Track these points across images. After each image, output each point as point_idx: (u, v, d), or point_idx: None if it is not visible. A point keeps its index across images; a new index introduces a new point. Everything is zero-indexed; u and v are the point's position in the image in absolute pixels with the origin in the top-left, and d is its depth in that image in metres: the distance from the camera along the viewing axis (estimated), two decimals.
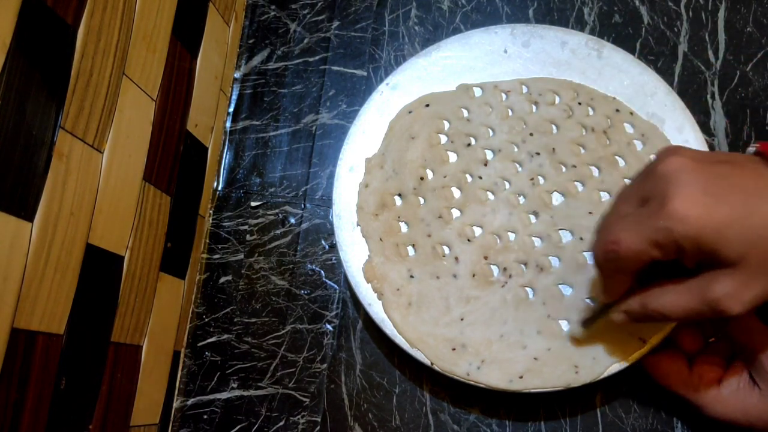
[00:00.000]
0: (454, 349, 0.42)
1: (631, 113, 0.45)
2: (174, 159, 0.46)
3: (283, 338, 0.48)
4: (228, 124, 0.53)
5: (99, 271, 0.38)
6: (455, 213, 0.45)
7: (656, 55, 0.50)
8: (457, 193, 0.45)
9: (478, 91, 0.47)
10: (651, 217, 0.31)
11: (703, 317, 0.33)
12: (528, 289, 0.43)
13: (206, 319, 0.49)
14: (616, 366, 0.40)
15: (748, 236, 0.30)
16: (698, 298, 0.32)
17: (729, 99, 0.48)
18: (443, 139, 0.46)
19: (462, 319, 0.42)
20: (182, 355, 0.49)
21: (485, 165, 0.45)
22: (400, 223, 0.45)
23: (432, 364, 0.42)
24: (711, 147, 0.47)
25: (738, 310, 0.31)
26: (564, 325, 0.42)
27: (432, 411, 0.45)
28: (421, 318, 0.43)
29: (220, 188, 0.52)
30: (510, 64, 0.47)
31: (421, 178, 0.45)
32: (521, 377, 0.41)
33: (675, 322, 0.39)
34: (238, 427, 0.47)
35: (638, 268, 0.33)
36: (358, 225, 0.45)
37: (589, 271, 0.42)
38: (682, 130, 0.45)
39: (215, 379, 0.48)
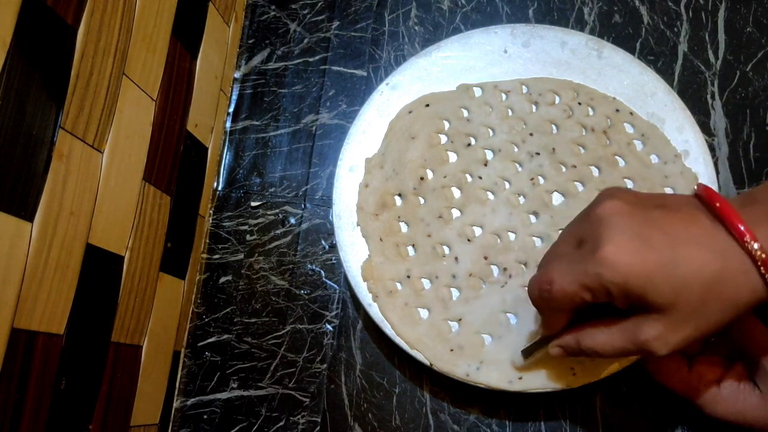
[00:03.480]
0: (452, 350, 0.42)
1: (631, 113, 0.45)
2: (174, 159, 0.46)
3: (283, 338, 0.48)
4: (228, 124, 0.53)
5: (99, 271, 0.38)
6: (455, 213, 0.45)
7: (656, 55, 0.50)
8: (457, 193, 0.45)
9: (478, 91, 0.47)
10: (583, 260, 0.32)
11: (633, 356, 0.34)
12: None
13: (206, 319, 0.49)
14: (616, 366, 0.40)
15: (675, 284, 0.30)
16: (628, 340, 0.33)
17: (729, 99, 0.48)
18: (443, 139, 0.46)
19: (461, 320, 0.42)
20: (182, 355, 0.49)
21: (485, 165, 0.45)
22: (400, 223, 0.45)
23: (431, 364, 0.42)
24: (711, 147, 0.47)
25: (664, 353, 0.32)
26: None
27: (432, 411, 0.45)
28: (418, 319, 0.43)
29: (220, 188, 0.52)
30: (510, 64, 0.47)
31: (421, 178, 0.45)
32: (520, 378, 0.41)
33: (609, 359, 0.40)
34: (238, 427, 0.47)
35: (573, 307, 0.34)
36: (358, 225, 0.45)
37: None
38: (682, 130, 0.45)
39: (215, 379, 0.48)
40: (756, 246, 0.30)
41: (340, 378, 0.47)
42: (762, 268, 0.30)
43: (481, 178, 0.45)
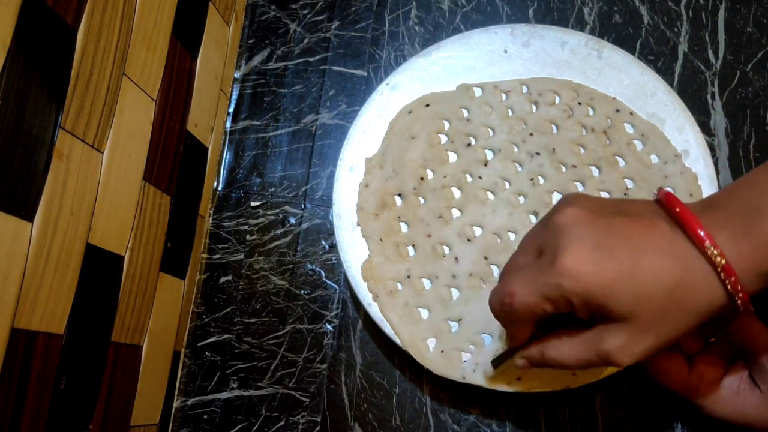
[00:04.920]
0: (442, 351, 0.42)
1: (631, 113, 0.45)
2: (174, 159, 0.46)
3: (283, 338, 0.48)
4: (228, 124, 0.53)
5: (99, 271, 0.38)
6: (455, 213, 0.45)
7: (656, 55, 0.50)
8: (457, 193, 0.45)
9: (478, 91, 0.47)
10: (543, 271, 0.32)
11: (597, 366, 0.33)
12: None
13: (206, 319, 0.49)
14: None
15: (636, 293, 0.30)
16: (591, 351, 0.33)
17: (729, 99, 0.48)
18: (443, 139, 0.46)
19: (461, 320, 0.42)
20: (182, 355, 0.49)
21: (485, 165, 0.45)
22: (400, 223, 0.45)
23: (426, 367, 0.42)
24: (711, 147, 0.47)
25: (627, 362, 0.32)
26: None
27: (432, 411, 0.45)
28: (419, 319, 0.43)
29: (220, 188, 0.52)
30: (510, 64, 0.47)
31: (421, 178, 0.45)
32: (519, 378, 0.41)
33: (572, 369, 0.40)
34: (238, 427, 0.47)
35: (535, 319, 0.34)
36: (358, 225, 0.45)
37: None
38: (682, 130, 0.45)
39: (215, 379, 0.48)
40: (716, 252, 0.29)
41: (340, 378, 0.47)
42: (722, 274, 0.29)
43: (481, 178, 0.45)
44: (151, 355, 0.44)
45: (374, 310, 0.43)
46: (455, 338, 0.42)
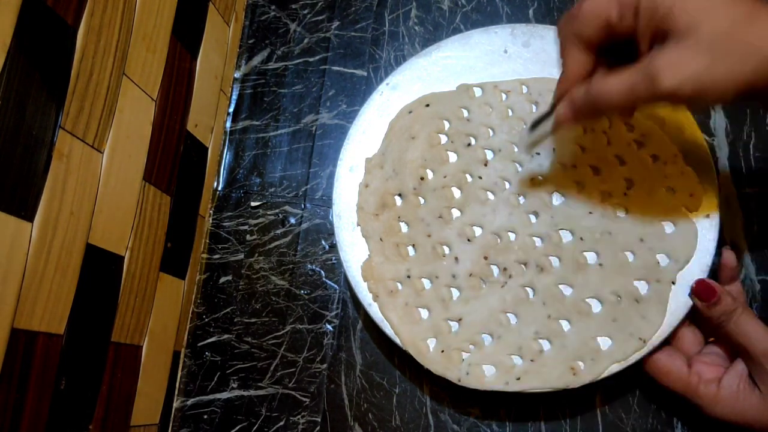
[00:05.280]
0: (443, 351, 0.42)
1: None
2: (174, 159, 0.46)
3: (283, 338, 0.48)
4: (228, 124, 0.53)
5: (99, 271, 0.38)
6: (455, 213, 0.45)
7: None
8: (457, 193, 0.45)
9: (478, 91, 0.47)
10: None
11: (644, 100, 0.32)
12: (528, 289, 0.43)
13: (206, 319, 0.49)
14: (615, 366, 0.40)
15: (704, 5, 0.30)
16: (639, 73, 0.31)
17: None
18: (443, 139, 0.46)
19: (461, 319, 0.42)
20: (182, 355, 0.49)
21: (485, 165, 0.45)
22: (400, 223, 0.45)
23: (425, 367, 0.42)
24: (711, 147, 0.47)
25: (670, 84, 0.30)
26: (565, 325, 0.42)
27: (432, 411, 0.45)
28: (419, 318, 0.43)
29: (220, 188, 0.52)
30: (510, 64, 0.47)
31: (421, 178, 0.45)
32: (518, 379, 0.41)
33: (616, 111, 0.38)
34: (238, 427, 0.47)
35: (596, 38, 0.33)
36: (358, 225, 0.45)
37: (589, 270, 0.42)
38: (682, 130, 0.45)
39: (215, 379, 0.48)
40: None
41: (340, 378, 0.47)
42: None
43: (481, 178, 0.45)
44: (151, 355, 0.44)
45: (374, 310, 0.43)
46: (455, 338, 0.42)
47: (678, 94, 0.30)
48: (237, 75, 0.54)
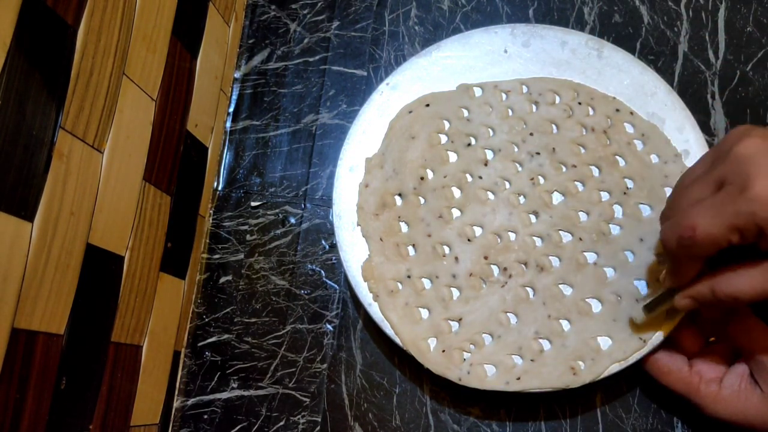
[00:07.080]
0: (444, 351, 0.42)
1: (631, 113, 0.45)
2: (174, 159, 0.46)
3: (283, 338, 0.48)
4: (228, 124, 0.53)
5: (99, 271, 0.38)
6: (455, 213, 0.45)
7: (656, 55, 0.50)
8: (457, 192, 0.45)
9: (478, 91, 0.47)
10: (731, 201, 0.31)
11: None
12: (528, 288, 0.43)
13: (206, 319, 0.49)
14: (615, 366, 0.40)
15: None
16: None
17: (729, 99, 0.48)
18: (443, 138, 0.46)
19: (461, 319, 0.42)
20: (182, 355, 0.49)
21: (485, 165, 0.45)
22: (400, 223, 0.45)
23: (426, 367, 0.42)
24: (711, 147, 0.47)
25: None
26: (565, 324, 0.42)
27: (432, 411, 0.45)
28: (419, 318, 0.43)
29: (220, 188, 0.52)
30: (510, 64, 0.47)
31: (422, 178, 0.45)
32: (518, 378, 0.41)
33: (742, 305, 0.38)
34: (239, 427, 0.47)
35: (712, 253, 0.33)
36: (358, 225, 0.45)
37: (589, 270, 0.42)
38: (683, 130, 0.45)
39: (215, 379, 0.48)
40: None
41: (340, 378, 0.47)
42: None
43: (481, 178, 0.45)
44: (151, 355, 0.44)
45: (374, 310, 0.43)
46: (455, 338, 0.42)
47: None
48: (237, 75, 0.54)
